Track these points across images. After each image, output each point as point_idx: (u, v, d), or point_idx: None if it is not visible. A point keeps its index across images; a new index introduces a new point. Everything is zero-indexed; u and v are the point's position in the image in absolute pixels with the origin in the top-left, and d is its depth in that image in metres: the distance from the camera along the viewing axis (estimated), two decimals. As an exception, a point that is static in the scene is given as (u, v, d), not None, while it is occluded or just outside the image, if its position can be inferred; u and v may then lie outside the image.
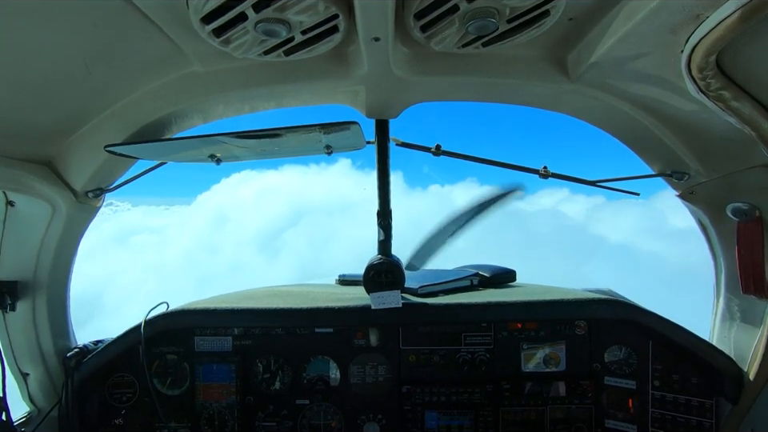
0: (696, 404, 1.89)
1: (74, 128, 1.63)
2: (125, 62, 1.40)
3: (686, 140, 1.67)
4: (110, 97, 1.56)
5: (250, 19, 1.12)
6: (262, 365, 2.05)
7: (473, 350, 2.06)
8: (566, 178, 1.97)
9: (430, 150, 1.91)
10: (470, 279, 2.38)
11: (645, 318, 1.93)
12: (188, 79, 1.55)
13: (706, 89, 1.16)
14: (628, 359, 2.01)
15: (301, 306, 2.00)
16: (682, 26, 1.09)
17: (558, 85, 1.57)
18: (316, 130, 1.51)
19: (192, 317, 2.00)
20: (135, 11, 1.14)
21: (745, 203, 1.67)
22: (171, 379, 2.03)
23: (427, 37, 1.27)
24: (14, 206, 1.74)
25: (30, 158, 1.63)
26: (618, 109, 1.65)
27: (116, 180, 1.88)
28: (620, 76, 1.46)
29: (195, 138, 1.62)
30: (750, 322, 1.81)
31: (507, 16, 1.17)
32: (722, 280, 1.93)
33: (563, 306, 1.99)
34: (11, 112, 1.40)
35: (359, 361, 2.07)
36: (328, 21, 1.18)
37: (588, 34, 1.33)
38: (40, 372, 1.91)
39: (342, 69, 1.51)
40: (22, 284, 1.81)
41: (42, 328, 1.88)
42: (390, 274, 1.92)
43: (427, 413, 2.06)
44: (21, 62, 1.22)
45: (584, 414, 2.04)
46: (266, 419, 2.05)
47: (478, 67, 1.53)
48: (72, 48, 1.24)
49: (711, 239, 1.96)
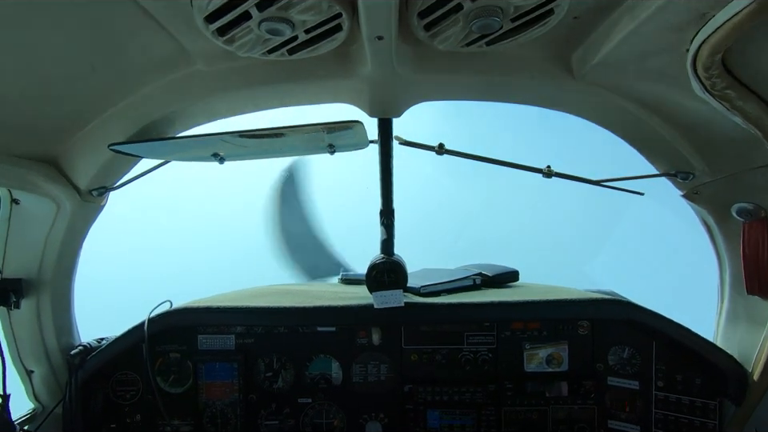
0: (699, 405, 1.88)
1: (78, 126, 1.63)
2: (129, 61, 1.40)
3: (691, 139, 1.66)
4: (114, 95, 1.56)
5: (254, 18, 1.12)
6: (265, 363, 2.06)
7: (475, 350, 2.06)
8: (570, 178, 1.96)
9: (433, 149, 1.90)
10: (472, 279, 2.38)
11: (648, 319, 1.93)
12: (192, 78, 1.55)
13: (712, 88, 1.15)
14: (631, 359, 2.00)
15: (303, 304, 2.00)
16: (687, 24, 1.09)
17: (563, 84, 1.56)
18: (319, 129, 1.51)
19: (195, 315, 2.00)
20: (139, 10, 1.15)
21: (750, 203, 1.66)
22: (174, 377, 2.04)
23: (431, 35, 1.27)
24: (18, 204, 1.75)
25: (34, 157, 1.63)
26: (623, 108, 1.64)
27: (120, 178, 1.89)
28: (625, 75, 1.45)
29: (199, 136, 1.62)
30: (755, 322, 1.80)
31: (511, 15, 1.16)
32: (727, 280, 1.92)
33: (566, 306, 1.99)
34: (16, 110, 1.41)
35: (361, 360, 2.07)
36: (331, 20, 1.17)
37: (593, 32, 1.33)
38: (44, 369, 1.92)
39: (345, 68, 1.50)
40: (26, 282, 1.82)
41: (47, 325, 1.89)
42: (393, 273, 1.92)
43: (429, 412, 2.06)
44: (25, 61, 1.23)
45: (587, 415, 2.03)
46: (269, 418, 2.06)
47: (482, 66, 1.52)
48: (76, 46, 1.25)
49: (716, 239, 1.94)
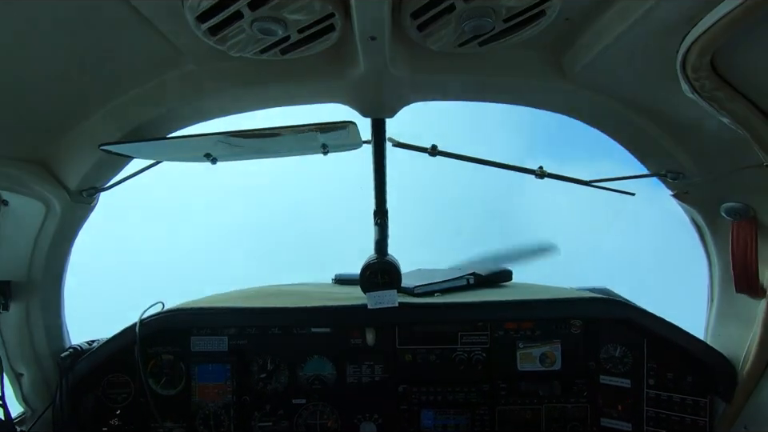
0: (690, 402, 1.91)
1: (68, 127, 1.61)
2: (120, 61, 1.39)
3: (681, 140, 1.68)
4: (104, 95, 1.55)
5: (246, 18, 1.12)
6: (259, 364, 2.05)
7: (469, 350, 2.06)
8: (562, 178, 1.97)
9: (426, 151, 1.91)
10: (466, 279, 2.38)
11: (640, 317, 1.94)
12: (183, 78, 1.54)
13: (701, 89, 1.16)
14: (623, 358, 2.02)
15: (297, 305, 1.99)
16: (676, 26, 1.10)
17: (554, 84, 1.57)
18: (312, 129, 1.51)
19: (188, 316, 1.99)
20: (130, 9, 1.14)
21: (739, 203, 1.68)
22: (167, 379, 2.02)
23: (424, 36, 1.27)
24: (7, 205, 1.72)
25: (23, 157, 1.61)
26: (614, 108, 1.65)
27: (110, 179, 1.87)
28: (615, 76, 1.47)
29: (191, 137, 1.61)
30: (744, 320, 1.82)
31: (503, 15, 1.17)
32: (716, 279, 1.94)
33: (558, 305, 2.00)
34: (5, 110, 1.39)
35: (356, 360, 2.07)
36: (324, 20, 1.17)
37: (584, 34, 1.34)
38: (34, 372, 1.90)
39: (338, 68, 1.50)
40: (15, 284, 1.79)
41: (36, 328, 1.86)
42: (387, 273, 1.92)
43: (424, 412, 2.06)
44: (15, 61, 1.21)
45: (579, 413, 2.05)
46: (263, 419, 2.05)
47: (475, 66, 1.53)
48: (66, 46, 1.23)
49: (705, 239, 1.97)
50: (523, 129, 3.14)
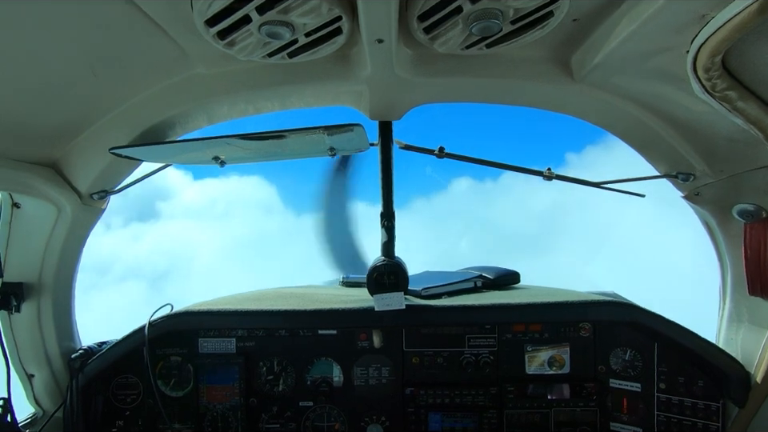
0: (702, 407, 1.88)
1: (79, 130, 1.64)
2: (129, 65, 1.40)
3: (692, 141, 1.66)
4: (114, 99, 1.57)
5: (254, 22, 1.12)
6: (266, 366, 2.05)
7: (476, 352, 2.05)
8: (571, 180, 1.96)
9: (434, 153, 1.90)
10: (473, 281, 2.37)
11: (650, 320, 1.92)
12: (192, 81, 1.56)
13: (712, 89, 1.15)
14: (633, 361, 1.99)
15: (304, 307, 2.00)
16: (687, 26, 1.09)
17: (563, 86, 1.56)
18: (320, 131, 1.51)
19: (196, 318, 2.00)
20: (140, 14, 1.15)
21: (751, 204, 1.66)
22: (175, 381, 2.04)
23: (431, 38, 1.27)
24: (19, 208, 1.75)
25: (35, 161, 1.64)
26: (623, 110, 1.64)
27: (120, 182, 1.89)
28: (625, 77, 1.45)
29: (199, 140, 1.62)
30: (757, 323, 1.79)
31: (511, 17, 1.16)
32: (729, 282, 1.91)
33: (567, 308, 1.98)
34: (17, 114, 1.41)
35: (363, 362, 2.06)
36: (331, 23, 1.18)
37: (592, 34, 1.33)
38: (45, 373, 1.92)
39: (345, 70, 1.51)
40: (27, 285, 1.82)
41: (47, 329, 1.89)
42: (394, 275, 1.91)
43: (431, 415, 2.05)
44: (26, 65, 1.23)
45: (589, 417, 2.03)
46: (270, 421, 2.05)
47: (482, 68, 1.53)
48: (77, 51, 1.25)
49: (717, 241, 1.94)
50: (532, 130, 3.13)
